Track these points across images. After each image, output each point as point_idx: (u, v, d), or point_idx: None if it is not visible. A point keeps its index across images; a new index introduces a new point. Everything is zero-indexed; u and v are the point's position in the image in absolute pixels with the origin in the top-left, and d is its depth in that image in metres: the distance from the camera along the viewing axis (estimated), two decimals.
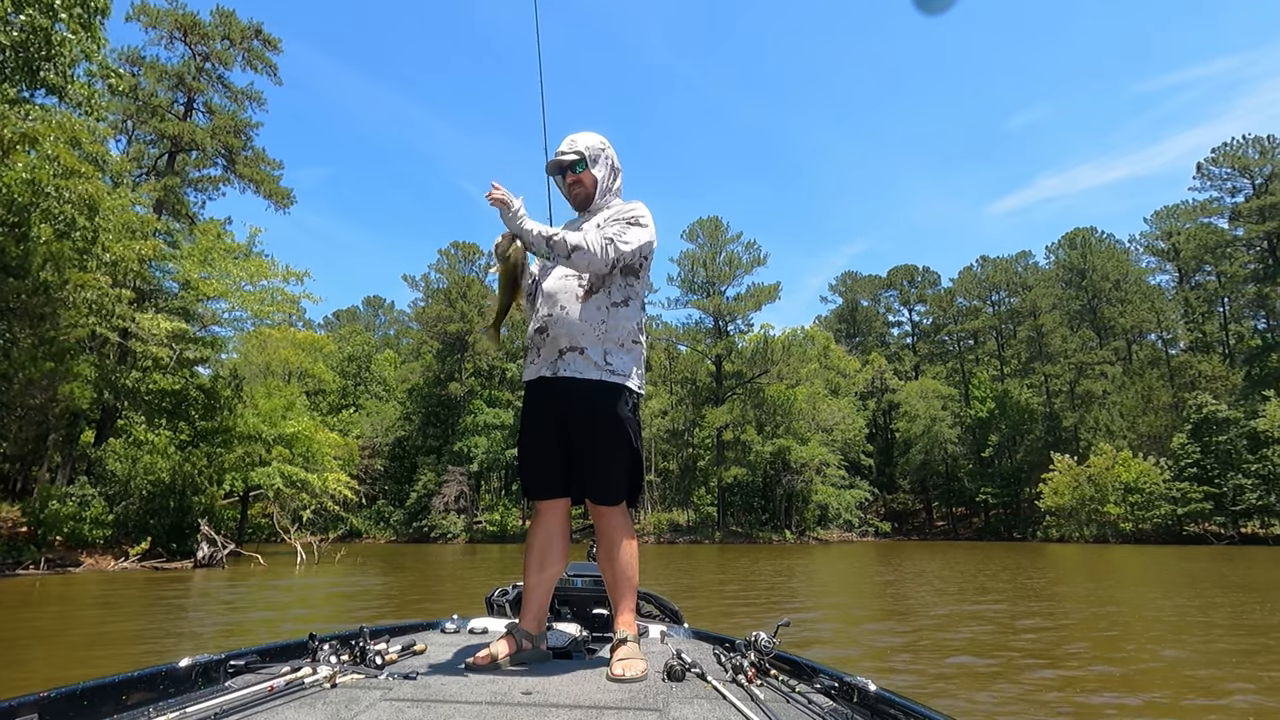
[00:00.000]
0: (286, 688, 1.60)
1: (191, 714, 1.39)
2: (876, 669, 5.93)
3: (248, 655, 1.90)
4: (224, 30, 25.03)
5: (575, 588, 2.85)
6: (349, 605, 11.18)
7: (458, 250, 57.08)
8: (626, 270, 2.23)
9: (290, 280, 22.57)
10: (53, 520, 17.04)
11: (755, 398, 47.26)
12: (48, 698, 1.35)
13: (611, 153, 2.40)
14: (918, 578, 15.60)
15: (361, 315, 79.26)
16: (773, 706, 1.56)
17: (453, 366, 53.00)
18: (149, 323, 17.76)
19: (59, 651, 6.75)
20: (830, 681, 1.75)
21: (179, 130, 22.84)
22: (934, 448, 55.23)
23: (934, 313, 69.94)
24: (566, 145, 2.36)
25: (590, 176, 2.33)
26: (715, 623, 8.06)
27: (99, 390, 18.40)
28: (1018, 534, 49.14)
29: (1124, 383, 49.19)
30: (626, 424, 2.17)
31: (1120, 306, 54.52)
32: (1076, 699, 4.94)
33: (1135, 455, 40.61)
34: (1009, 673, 5.70)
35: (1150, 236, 57.57)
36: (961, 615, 9.28)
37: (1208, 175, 50.88)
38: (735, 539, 43.93)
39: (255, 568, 17.89)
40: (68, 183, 14.13)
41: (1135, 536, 38.67)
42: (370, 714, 1.46)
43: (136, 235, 16.46)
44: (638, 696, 1.65)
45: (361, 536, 47.57)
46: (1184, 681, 5.46)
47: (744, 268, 50.98)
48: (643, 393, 2.29)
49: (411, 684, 1.73)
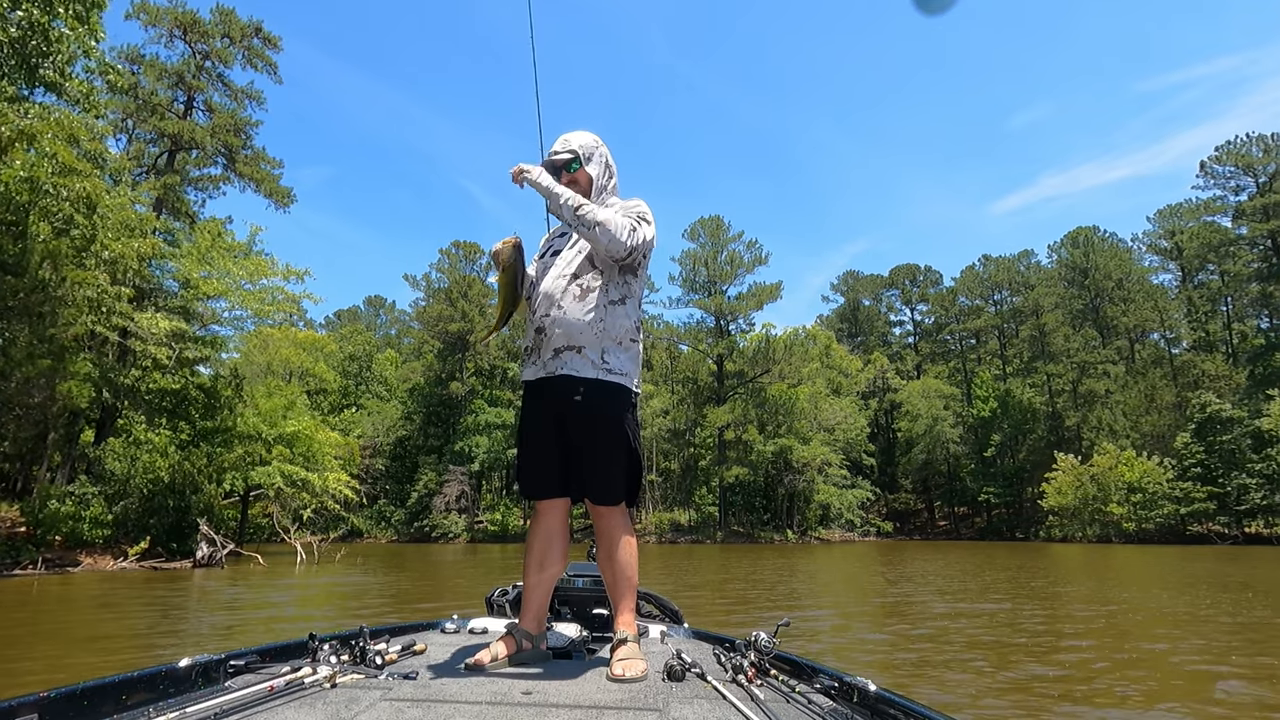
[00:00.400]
0: (286, 688, 1.60)
1: (191, 714, 1.39)
2: (878, 669, 5.87)
3: (247, 655, 1.91)
4: (224, 28, 24.97)
5: (575, 588, 2.85)
6: (349, 605, 11.11)
7: (459, 250, 57.06)
8: (625, 268, 2.22)
9: (290, 279, 22.54)
10: (52, 520, 16.99)
11: (757, 397, 47.16)
12: (48, 698, 1.35)
13: (605, 150, 2.40)
14: (920, 578, 15.51)
15: (363, 315, 79.29)
16: (773, 706, 1.56)
17: (454, 366, 52.99)
18: (148, 322, 17.69)
19: (56, 650, 6.67)
20: (830, 681, 1.75)
21: (179, 129, 22.78)
22: (936, 447, 55.12)
23: (936, 312, 69.83)
24: (560, 144, 2.36)
25: (585, 175, 2.32)
26: (717, 623, 7.98)
27: (98, 389, 18.34)
28: (1020, 534, 49.03)
29: (1127, 382, 49.06)
30: (625, 424, 2.17)
31: (1123, 306, 54.40)
32: (1078, 698, 4.89)
33: (1139, 455, 40.48)
34: (1010, 672, 5.62)
35: (1153, 235, 57.44)
36: (963, 614, 9.20)
37: (1211, 174, 50.74)
38: (737, 539, 43.85)
39: (255, 567, 17.83)
40: (66, 181, 14.08)
41: (1138, 536, 38.53)
42: (370, 714, 1.46)
43: (135, 233, 16.38)
44: (638, 696, 1.65)
45: (363, 536, 47.56)
46: (1184, 678, 5.40)
47: (745, 267, 50.90)
48: (640, 391, 2.30)
49: (411, 684, 1.73)
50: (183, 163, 25.10)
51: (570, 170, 2.31)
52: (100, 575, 15.62)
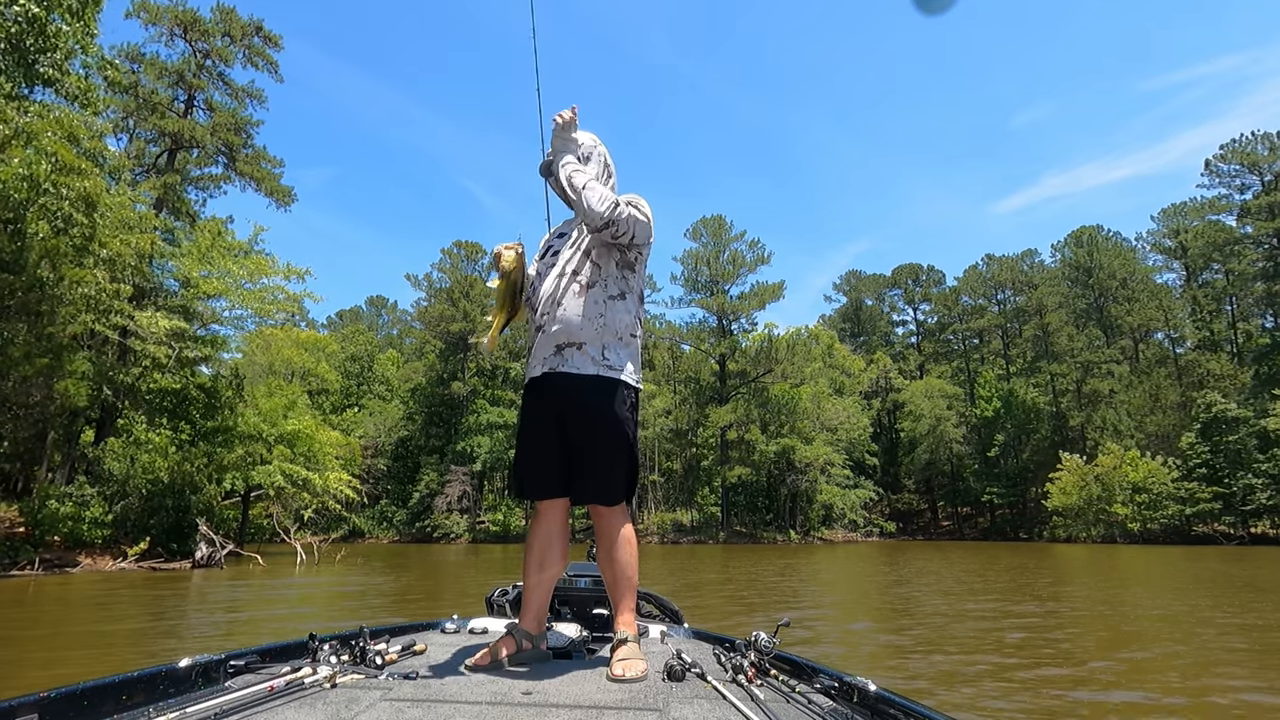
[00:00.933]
0: (286, 688, 1.60)
1: (191, 714, 1.38)
2: (880, 669, 5.78)
3: (247, 655, 1.91)
4: (224, 27, 24.88)
5: (576, 588, 2.85)
6: (348, 605, 11.01)
7: (460, 249, 56.96)
8: (623, 263, 2.21)
9: (291, 278, 22.42)
10: (50, 520, 16.90)
11: (759, 397, 46.99)
12: (48, 697, 1.35)
13: (604, 150, 2.38)
14: (922, 578, 15.38)
15: (364, 315, 79.26)
16: (773, 706, 1.56)
17: (455, 366, 52.92)
18: (147, 321, 17.60)
19: (53, 652, 6.57)
20: (830, 681, 1.75)
21: (179, 127, 22.68)
22: (939, 447, 54.92)
23: (939, 311, 69.60)
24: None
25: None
26: (721, 626, 7.86)
27: (97, 388, 18.25)
28: (1024, 534, 48.85)
29: (1131, 382, 48.84)
30: (625, 423, 2.16)
31: (1127, 305, 54.16)
32: (1081, 699, 4.79)
33: (1143, 455, 40.28)
34: (1013, 673, 5.50)
35: (1157, 235, 57.17)
36: (966, 615, 9.06)
37: (1216, 172, 50.48)
38: (739, 539, 43.71)
39: (254, 568, 17.73)
40: (66, 179, 14.01)
41: (1143, 537, 38.33)
42: (370, 714, 1.45)
43: (135, 231, 16.29)
44: (638, 696, 1.65)
45: (364, 536, 47.51)
46: (1187, 679, 5.28)
47: (748, 266, 50.74)
48: (640, 387, 2.29)
49: (411, 684, 1.73)
50: (183, 162, 25.05)
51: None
52: (97, 576, 15.52)
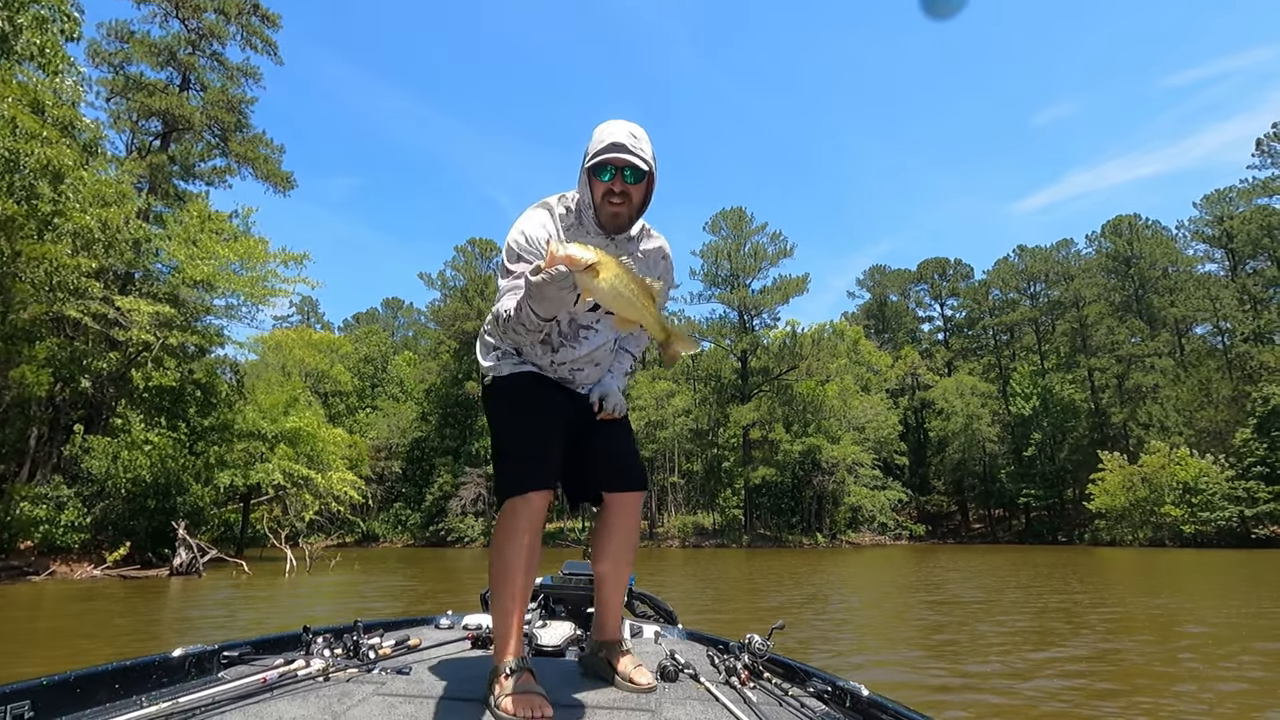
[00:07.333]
0: (280, 680, 1.60)
1: (184, 704, 1.38)
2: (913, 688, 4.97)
3: (241, 647, 1.88)
4: (218, 3, 23.64)
5: (571, 587, 2.79)
6: (307, 615, 9.49)
7: (474, 247, 55.80)
8: None
9: (289, 264, 21.07)
10: (21, 524, 15.58)
11: (783, 395, 45.06)
12: (41, 686, 1.34)
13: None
14: (965, 582, 13.58)
15: (380, 317, 78.45)
16: (765, 709, 1.54)
17: (470, 365, 51.66)
18: (128, 305, 16.29)
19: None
20: (823, 685, 1.72)
21: (167, 104, 21.40)
22: (972, 447, 52.62)
23: (968, 306, 67.11)
24: (629, 140, 1.69)
25: (640, 193, 1.78)
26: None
27: (70, 378, 16.93)
28: (1062, 537, 46.59)
29: (1178, 375, 46.32)
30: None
31: (1169, 296, 51.58)
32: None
33: (1192, 453, 37.90)
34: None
35: (1199, 222, 54.38)
36: (1055, 660, 7.33)
37: (1269, 152, 47.85)
38: (763, 543, 41.85)
39: (239, 576, 16.28)
40: (25, 145, 12.74)
41: (1196, 540, 35.97)
42: (363, 708, 1.46)
43: (110, 208, 14.98)
44: (630, 697, 1.65)
45: (378, 541, 46.42)
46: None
47: (770, 259, 48.87)
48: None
49: (404, 679, 1.72)
50: (183, 153, 23.84)
51: (632, 180, 1.72)
52: (59, 585, 14.05)
